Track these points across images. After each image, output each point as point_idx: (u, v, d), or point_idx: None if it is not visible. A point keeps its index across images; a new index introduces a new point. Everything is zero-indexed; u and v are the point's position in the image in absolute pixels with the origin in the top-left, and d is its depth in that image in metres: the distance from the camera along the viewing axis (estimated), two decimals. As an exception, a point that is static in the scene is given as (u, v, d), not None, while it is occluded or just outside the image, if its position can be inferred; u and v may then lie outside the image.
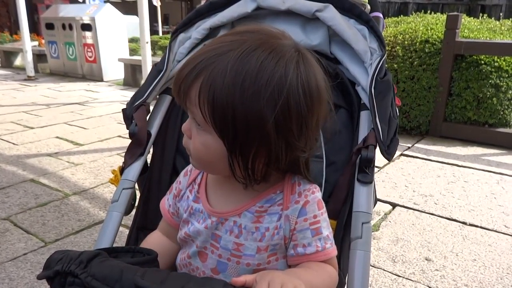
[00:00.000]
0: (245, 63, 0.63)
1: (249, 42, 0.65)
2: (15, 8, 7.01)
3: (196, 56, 0.69)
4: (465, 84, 3.76)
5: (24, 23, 6.97)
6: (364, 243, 0.81)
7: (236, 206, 0.75)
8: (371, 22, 1.02)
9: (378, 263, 1.92)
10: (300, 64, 0.66)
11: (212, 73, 0.64)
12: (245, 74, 0.63)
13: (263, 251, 0.73)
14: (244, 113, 0.63)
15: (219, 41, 0.69)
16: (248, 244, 0.73)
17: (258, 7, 1.10)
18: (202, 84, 0.65)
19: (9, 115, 4.76)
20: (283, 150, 0.67)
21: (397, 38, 3.95)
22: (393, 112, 0.95)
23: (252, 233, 0.73)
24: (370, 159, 0.87)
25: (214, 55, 0.65)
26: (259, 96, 0.63)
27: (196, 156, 0.72)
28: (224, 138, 0.66)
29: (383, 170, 3.09)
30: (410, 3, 17.39)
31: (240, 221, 0.74)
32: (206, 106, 0.64)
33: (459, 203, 2.56)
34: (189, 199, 0.83)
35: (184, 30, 1.16)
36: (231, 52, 0.64)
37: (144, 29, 5.15)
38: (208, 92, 0.64)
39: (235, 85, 0.63)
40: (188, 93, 0.67)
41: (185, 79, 0.67)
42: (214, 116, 0.65)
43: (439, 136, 3.96)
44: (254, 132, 0.64)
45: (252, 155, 0.67)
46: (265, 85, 0.63)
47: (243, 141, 0.66)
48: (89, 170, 3.04)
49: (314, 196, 0.75)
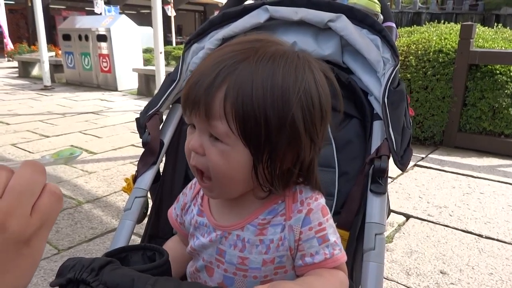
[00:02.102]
0: (268, 69, 0.65)
1: (262, 50, 0.66)
2: (33, 19, 7.19)
3: (211, 64, 0.66)
4: (480, 94, 3.71)
5: (41, 34, 7.14)
6: (377, 254, 0.80)
7: (238, 220, 0.74)
8: (384, 31, 1.02)
9: (392, 275, 1.89)
10: (311, 66, 0.69)
11: (237, 80, 0.63)
12: (272, 78, 0.64)
13: (269, 263, 0.72)
14: (276, 113, 0.63)
15: (230, 50, 0.69)
16: (253, 258, 0.72)
17: (270, 17, 1.11)
18: (227, 91, 0.63)
19: (26, 124, 4.86)
20: (309, 149, 0.69)
21: (410, 48, 3.93)
22: (407, 122, 0.94)
23: (257, 246, 0.72)
24: (383, 169, 0.86)
25: (234, 62, 0.65)
26: (289, 98, 0.64)
27: (217, 172, 0.67)
28: (252, 146, 0.64)
29: (396, 181, 3.06)
30: (423, 13, 17.31)
31: (243, 235, 0.73)
32: (234, 114, 0.62)
33: (475, 215, 2.51)
34: (193, 213, 0.82)
35: (197, 40, 1.17)
36: (250, 59, 0.65)
37: (158, 39, 5.23)
38: (236, 98, 0.62)
39: (264, 89, 0.63)
40: (210, 103, 0.64)
41: (207, 89, 0.64)
42: (244, 123, 0.63)
43: (453, 146, 3.90)
44: (286, 134, 0.64)
45: (281, 158, 0.66)
46: (292, 87, 0.65)
47: (273, 144, 0.65)
48: (102, 178, 3.08)
49: (318, 203, 0.72)
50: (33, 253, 0.38)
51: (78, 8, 19.06)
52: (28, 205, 0.37)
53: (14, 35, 14.73)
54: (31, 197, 0.38)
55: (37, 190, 0.38)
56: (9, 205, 0.36)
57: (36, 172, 0.38)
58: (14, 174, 0.37)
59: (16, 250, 0.37)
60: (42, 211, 0.38)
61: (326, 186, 0.99)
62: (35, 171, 0.38)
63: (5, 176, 0.37)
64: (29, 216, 0.37)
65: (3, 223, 0.35)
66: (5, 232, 0.35)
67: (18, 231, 0.36)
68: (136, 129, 1.11)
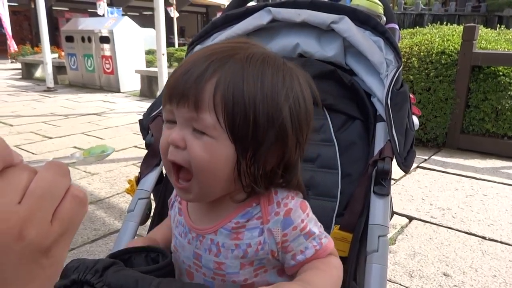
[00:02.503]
0: (258, 66, 0.65)
1: (251, 49, 0.68)
2: (37, 21, 7.22)
3: (201, 57, 0.66)
4: (483, 95, 3.70)
5: (45, 36, 7.16)
6: (380, 256, 0.80)
7: (212, 223, 0.72)
8: (387, 33, 1.02)
9: (395, 277, 1.88)
10: (296, 71, 0.71)
11: (228, 73, 0.63)
12: (262, 75, 0.65)
13: (247, 266, 0.70)
14: (266, 110, 0.63)
15: (219, 46, 0.70)
16: (229, 263, 0.70)
17: (273, 19, 1.11)
18: (218, 83, 0.62)
19: (29, 125, 4.87)
20: (294, 150, 0.68)
21: (412, 50, 3.92)
22: (410, 124, 0.94)
23: (232, 251, 0.70)
24: (386, 171, 0.85)
25: (224, 56, 0.65)
26: (278, 96, 0.65)
27: (199, 165, 0.64)
28: (238, 141, 0.63)
29: (399, 183, 3.05)
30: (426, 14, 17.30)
31: (217, 239, 0.71)
32: (223, 106, 0.62)
33: (478, 217, 2.51)
34: (176, 210, 0.80)
35: (200, 42, 1.18)
36: (240, 55, 0.65)
37: (160, 41, 5.24)
38: (227, 91, 0.62)
39: (255, 85, 0.63)
40: (200, 94, 0.62)
41: (197, 79, 0.63)
42: (233, 116, 0.62)
43: (456, 148, 3.89)
44: (274, 130, 0.64)
45: (266, 157, 0.65)
46: (281, 87, 0.65)
47: (260, 141, 0.64)
48: (105, 179, 3.08)
49: (295, 201, 0.71)
50: (53, 264, 0.34)
51: (81, 10, 19.14)
52: (49, 211, 0.33)
53: (17, 37, 14.80)
54: (52, 201, 0.34)
55: (59, 193, 0.34)
56: (29, 211, 0.32)
57: (59, 174, 0.35)
58: (36, 175, 0.34)
59: (34, 260, 0.32)
60: (64, 217, 0.34)
61: (329, 188, 0.99)
62: (58, 173, 0.35)
63: (26, 177, 0.33)
64: (50, 223, 0.33)
65: (21, 230, 0.31)
66: (23, 241, 0.31)
67: (38, 239, 0.32)
68: (138, 131, 1.11)
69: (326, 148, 1.03)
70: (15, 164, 0.33)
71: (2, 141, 0.32)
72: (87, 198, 0.36)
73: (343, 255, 0.90)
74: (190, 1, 17.95)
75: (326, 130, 1.04)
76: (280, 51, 1.12)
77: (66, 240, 0.35)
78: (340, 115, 1.04)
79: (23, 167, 0.34)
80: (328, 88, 1.05)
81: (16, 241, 0.31)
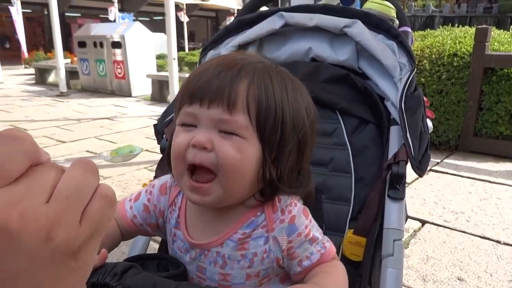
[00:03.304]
0: (279, 72, 0.70)
1: (257, 58, 0.72)
2: (50, 27, 7.34)
3: (227, 62, 0.67)
4: (496, 98, 3.66)
5: (58, 42, 7.28)
6: (396, 260, 0.79)
7: (216, 236, 0.71)
8: (400, 37, 1.02)
9: (408, 282, 1.87)
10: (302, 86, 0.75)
11: (258, 76, 0.65)
12: (283, 78, 0.69)
13: (253, 277, 0.70)
14: (292, 113, 0.67)
15: (233, 56, 0.74)
16: (235, 273, 0.70)
17: (286, 24, 1.12)
18: (250, 85, 0.64)
19: (43, 129, 4.95)
20: (311, 152, 0.72)
21: (424, 52, 3.90)
22: (424, 127, 0.93)
23: (239, 261, 0.69)
24: (401, 175, 0.85)
25: (251, 61, 0.68)
26: (300, 99, 0.69)
27: (230, 166, 0.63)
28: (265, 142, 0.65)
29: (411, 186, 3.03)
30: (436, 16, 17.16)
31: (223, 251, 0.70)
32: (256, 107, 0.64)
33: (492, 221, 2.47)
34: (171, 224, 0.78)
35: (213, 47, 1.19)
36: (261, 63, 0.69)
37: (171, 45, 5.28)
38: (258, 92, 0.64)
39: (281, 88, 0.67)
40: (234, 94, 0.63)
41: (231, 81, 0.63)
42: (266, 117, 0.64)
43: (469, 151, 3.85)
44: (297, 133, 0.67)
45: (287, 160, 0.68)
46: (300, 95, 0.70)
47: (283, 145, 0.66)
48: (117, 183, 3.11)
49: (298, 208, 0.72)
50: (82, 267, 0.32)
51: (92, 16, 19.40)
52: (78, 211, 0.31)
53: (31, 43, 15.06)
54: (81, 201, 0.31)
55: (88, 193, 0.32)
56: (57, 211, 0.30)
57: (87, 172, 0.32)
58: (63, 174, 0.32)
59: (62, 263, 0.31)
60: (93, 218, 0.32)
61: (342, 192, 0.99)
62: (87, 170, 0.32)
63: (54, 176, 0.31)
64: (79, 223, 0.31)
65: (49, 232, 0.29)
66: (51, 243, 0.29)
67: (66, 241, 0.30)
68: (150, 135, 1.12)
69: (339, 152, 1.03)
70: (42, 162, 0.31)
71: (29, 136, 0.30)
72: (115, 198, 0.34)
73: (357, 259, 0.90)
74: (200, 6, 18.08)
75: (339, 134, 1.04)
76: (293, 55, 1.13)
77: (95, 242, 0.33)
78: (353, 118, 1.04)
79: (51, 165, 0.32)
80: (341, 92, 1.05)
81: (44, 243, 0.29)
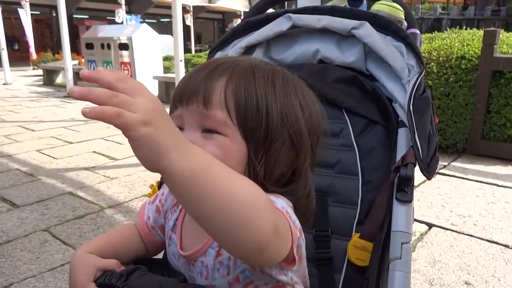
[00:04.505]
0: (268, 69, 0.67)
1: (257, 60, 0.70)
2: (58, 29, 7.40)
3: (209, 63, 0.67)
4: (504, 101, 3.63)
5: (65, 43, 7.33)
6: (403, 264, 0.78)
7: (201, 244, 0.68)
8: (409, 38, 1.01)
9: (415, 286, 1.85)
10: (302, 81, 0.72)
11: (238, 71, 0.63)
12: (272, 74, 0.66)
13: (235, 283, 0.66)
14: (279, 107, 0.63)
15: (225, 57, 0.73)
16: (218, 284, 0.67)
17: (293, 25, 1.11)
18: (228, 80, 0.62)
19: (50, 130, 4.98)
20: (308, 155, 0.68)
21: (431, 55, 3.88)
22: (433, 130, 0.92)
23: (218, 270, 0.66)
24: (409, 178, 0.84)
25: (234, 60, 0.66)
26: (290, 95, 0.66)
27: None
28: (250, 138, 0.62)
29: (418, 189, 3.00)
30: (444, 19, 17.07)
31: (206, 261, 0.68)
32: (234, 101, 0.61)
33: (500, 224, 2.45)
34: (169, 225, 0.77)
35: (220, 48, 1.19)
36: (247, 62, 0.67)
37: (178, 47, 5.30)
38: (237, 86, 0.62)
39: (266, 81, 0.64)
40: (209, 91, 0.61)
41: (206, 78, 0.62)
42: (246, 112, 0.61)
43: (476, 154, 3.82)
44: (287, 128, 0.64)
45: (277, 159, 0.64)
46: (292, 87, 0.67)
47: (271, 141, 0.63)
48: (124, 184, 3.12)
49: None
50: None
51: (100, 18, 19.53)
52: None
53: (39, 44, 15.17)
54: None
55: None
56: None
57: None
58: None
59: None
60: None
61: (349, 195, 0.98)
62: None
63: None
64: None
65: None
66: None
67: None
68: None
69: (346, 153, 1.02)
70: None
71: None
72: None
73: (362, 264, 0.89)
74: (207, 8, 18.13)
75: (346, 135, 1.03)
76: (300, 57, 1.12)
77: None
78: (360, 119, 1.03)
79: None
80: (349, 91, 1.04)
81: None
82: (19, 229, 2.37)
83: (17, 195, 2.88)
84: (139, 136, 0.45)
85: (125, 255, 0.77)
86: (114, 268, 0.69)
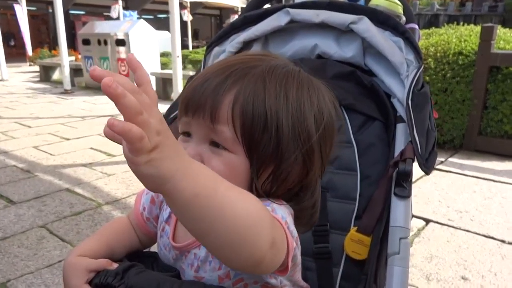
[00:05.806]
0: (281, 77, 0.63)
1: (274, 61, 0.66)
2: (54, 25, 7.36)
3: (220, 68, 0.63)
4: (501, 96, 3.64)
5: (62, 39, 7.29)
6: (402, 259, 0.79)
7: None
8: (407, 33, 1.00)
9: (412, 280, 1.86)
10: (320, 86, 0.68)
11: (249, 84, 0.60)
12: (286, 86, 0.62)
13: (225, 279, 0.65)
14: (291, 124, 0.60)
15: (239, 57, 0.68)
16: (208, 277, 0.66)
17: (291, 20, 1.11)
18: (238, 95, 0.59)
19: (47, 126, 4.96)
20: (318, 169, 0.66)
21: (429, 50, 3.88)
22: (431, 125, 0.92)
23: (210, 263, 0.66)
24: (407, 173, 0.84)
25: (246, 67, 0.62)
26: (304, 109, 0.62)
27: None
28: (254, 157, 0.60)
29: (415, 185, 3.01)
30: (441, 15, 17.06)
31: (200, 253, 0.67)
32: (241, 119, 0.59)
33: (496, 220, 2.46)
34: (163, 216, 0.76)
35: (218, 43, 1.18)
36: (261, 67, 0.63)
37: (175, 43, 5.28)
38: (246, 103, 0.59)
39: (278, 93, 0.61)
40: (217, 105, 0.59)
41: (215, 90, 0.60)
42: (252, 131, 0.59)
43: (473, 150, 3.83)
44: (300, 147, 0.61)
45: (288, 174, 0.62)
46: (307, 98, 0.64)
47: (282, 158, 0.60)
48: (121, 180, 3.12)
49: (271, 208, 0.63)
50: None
51: (97, 14, 19.41)
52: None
53: (35, 40, 15.09)
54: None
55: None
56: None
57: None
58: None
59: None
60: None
61: (348, 190, 0.99)
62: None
63: None
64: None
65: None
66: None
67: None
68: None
69: (345, 150, 1.02)
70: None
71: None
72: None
73: (358, 258, 0.90)
74: (204, 4, 18.06)
75: (345, 131, 1.03)
76: (299, 52, 1.12)
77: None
78: (359, 115, 1.03)
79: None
80: (348, 87, 1.04)
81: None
82: (16, 225, 2.36)
83: (14, 191, 2.87)
84: (146, 161, 0.43)
85: (120, 250, 0.77)
86: (106, 267, 0.68)
